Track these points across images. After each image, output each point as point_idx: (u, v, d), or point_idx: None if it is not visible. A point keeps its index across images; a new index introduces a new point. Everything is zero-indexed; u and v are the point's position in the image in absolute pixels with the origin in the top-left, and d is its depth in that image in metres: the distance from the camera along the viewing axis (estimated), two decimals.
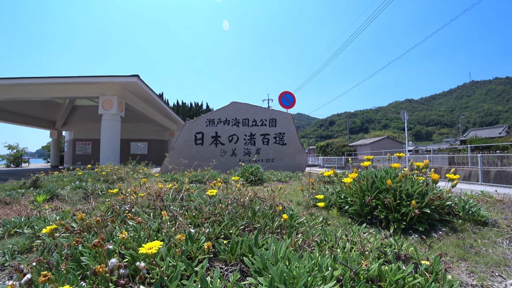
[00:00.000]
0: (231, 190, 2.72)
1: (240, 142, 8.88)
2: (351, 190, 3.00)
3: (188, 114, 38.10)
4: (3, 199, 3.91)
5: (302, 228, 2.20)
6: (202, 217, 2.03)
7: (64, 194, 4.34)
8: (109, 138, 10.70)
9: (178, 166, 7.82)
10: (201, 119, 8.95)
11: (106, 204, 2.58)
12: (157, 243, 1.19)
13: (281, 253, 1.53)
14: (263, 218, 2.21)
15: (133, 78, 10.17)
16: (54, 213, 3.06)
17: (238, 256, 1.65)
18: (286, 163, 8.88)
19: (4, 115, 17.97)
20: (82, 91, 11.36)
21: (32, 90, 11.59)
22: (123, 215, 2.13)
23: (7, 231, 2.70)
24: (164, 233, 1.74)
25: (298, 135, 9.07)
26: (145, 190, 3.02)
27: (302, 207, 3.32)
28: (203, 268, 1.35)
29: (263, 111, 9.08)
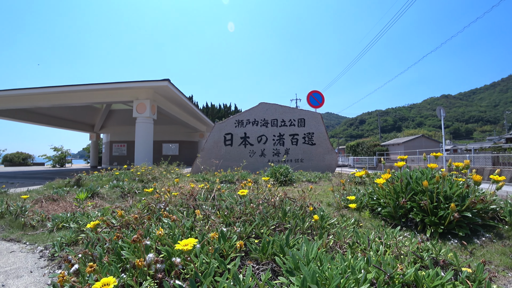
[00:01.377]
0: (261, 190, 2.74)
1: (269, 142, 8.90)
2: (384, 192, 2.90)
3: (217, 115, 38.88)
4: (51, 196, 4.24)
5: (333, 229, 2.17)
6: (234, 216, 2.08)
7: (103, 193, 4.63)
8: (142, 140, 11.22)
9: (208, 166, 8.02)
10: (230, 120, 9.10)
11: (143, 202, 2.72)
12: (192, 240, 1.25)
13: (312, 254, 1.53)
14: (293, 218, 2.21)
15: (164, 82, 10.57)
16: (95, 210, 3.28)
17: (269, 255, 1.67)
18: (316, 164, 8.76)
19: (51, 120, 19.54)
20: (118, 96, 12.02)
21: (74, 97, 12.47)
22: (158, 213, 2.24)
23: (56, 225, 2.94)
24: (197, 231, 1.81)
25: (327, 135, 8.91)
26: (178, 190, 3.14)
27: (332, 208, 3.27)
28: (236, 266, 1.38)
29: (292, 111, 9.03)
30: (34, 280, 1.92)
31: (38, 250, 2.49)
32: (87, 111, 21.30)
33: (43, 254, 2.40)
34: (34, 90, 11.88)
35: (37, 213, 3.31)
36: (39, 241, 2.69)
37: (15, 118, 16.83)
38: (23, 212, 3.35)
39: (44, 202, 4.03)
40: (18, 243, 2.73)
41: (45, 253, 2.41)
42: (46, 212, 3.41)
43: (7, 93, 12.28)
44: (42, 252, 2.44)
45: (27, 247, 2.59)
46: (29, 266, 2.17)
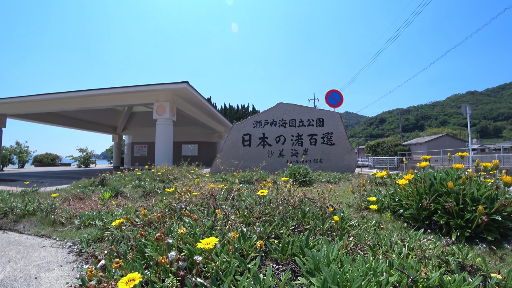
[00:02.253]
0: (281, 190, 2.75)
1: (287, 142, 8.87)
2: (407, 193, 2.82)
3: (235, 116, 39.18)
4: (78, 195, 4.44)
5: (354, 231, 2.14)
6: (253, 217, 2.09)
7: (126, 192, 4.79)
8: (163, 141, 11.48)
9: (227, 167, 8.11)
10: (248, 121, 9.14)
11: (164, 202, 2.79)
12: (213, 239, 1.27)
13: (333, 255, 1.51)
14: (313, 219, 2.20)
15: (183, 84, 10.78)
16: (119, 209, 3.40)
17: (289, 256, 1.67)
18: (335, 164, 8.63)
19: (76, 122, 20.44)
20: (139, 98, 12.38)
21: (98, 100, 12.98)
22: (179, 212, 2.29)
23: (82, 222, 3.08)
24: (218, 231, 1.84)
25: (346, 135, 8.76)
26: (198, 190, 3.20)
27: (353, 210, 3.22)
28: (256, 265, 1.40)
29: (310, 111, 8.95)
30: (64, 273, 2.02)
31: (67, 246, 2.62)
32: (110, 114, 22.09)
33: (72, 250, 2.52)
34: (61, 94, 12.48)
35: (65, 211, 3.47)
36: (68, 237, 2.82)
37: (44, 121, 17.75)
38: (53, 209, 3.52)
39: (71, 200, 4.22)
40: (49, 239, 2.88)
41: (73, 249, 2.53)
42: (74, 210, 3.57)
43: (37, 97, 12.96)
44: (70, 248, 2.57)
45: (57, 243, 2.73)
46: (59, 260, 2.28)
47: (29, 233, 3.09)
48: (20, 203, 3.73)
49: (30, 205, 3.61)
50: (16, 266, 2.19)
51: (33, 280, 1.92)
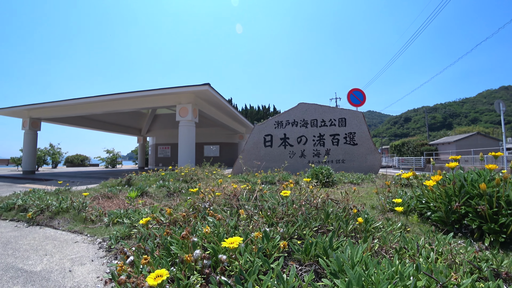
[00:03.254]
0: (304, 191, 2.74)
1: (309, 143, 8.79)
2: (434, 195, 2.71)
3: (256, 117, 39.30)
4: (106, 194, 4.64)
5: (379, 233, 2.09)
6: (276, 217, 2.10)
7: (151, 192, 4.94)
8: (185, 142, 11.73)
9: (248, 167, 8.16)
10: (270, 121, 9.15)
11: (188, 202, 2.86)
12: (237, 238, 1.29)
13: (357, 257, 1.49)
14: (336, 220, 2.17)
15: (204, 86, 10.95)
16: (145, 207, 3.53)
17: (312, 257, 1.66)
18: (358, 164, 8.44)
19: (103, 125, 21.37)
20: (162, 101, 12.72)
21: (124, 103, 13.48)
22: (203, 212, 2.34)
23: (111, 220, 3.22)
24: (241, 230, 1.86)
25: (370, 134, 8.54)
26: (221, 190, 3.25)
27: (377, 211, 3.14)
28: (279, 265, 1.40)
29: (332, 110, 8.81)
30: (95, 268, 2.13)
31: (97, 242, 2.75)
32: (135, 116, 22.89)
33: (102, 246, 2.64)
34: (90, 99, 13.08)
35: (95, 209, 3.64)
36: (98, 234, 2.96)
37: (74, 124, 18.72)
38: (84, 207, 3.71)
39: (100, 199, 4.42)
40: (81, 235, 3.04)
41: (103, 245, 2.66)
42: (103, 208, 3.74)
43: (68, 102, 13.67)
44: (100, 244, 2.70)
45: (88, 239, 2.88)
46: (90, 255, 2.41)
47: (63, 229, 3.27)
48: (54, 201, 3.96)
49: (64, 203, 3.82)
50: (52, 259, 2.33)
51: (67, 273, 2.03)
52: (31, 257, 2.39)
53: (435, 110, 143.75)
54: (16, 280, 1.93)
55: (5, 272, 2.07)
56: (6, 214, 3.95)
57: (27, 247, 2.65)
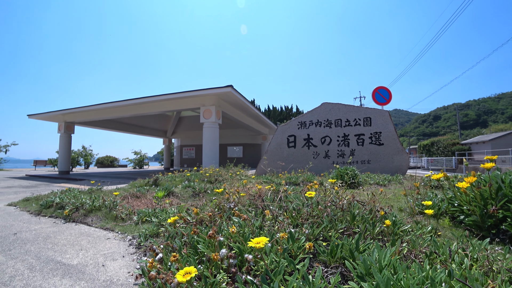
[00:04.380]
0: (329, 192, 2.70)
1: (333, 143, 8.64)
2: (468, 197, 2.58)
3: (278, 118, 39.19)
4: (135, 194, 4.83)
5: (407, 237, 2.02)
6: (301, 218, 2.09)
7: (177, 192, 5.08)
8: (209, 144, 11.93)
9: (272, 168, 8.16)
10: (293, 122, 9.10)
11: (214, 202, 2.92)
12: (263, 238, 1.31)
13: (385, 261, 1.46)
14: (362, 222, 2.13)
15: (227, 88, 11.10)
16: (172, 207, 3.64)
17: (338, 259, 1.64)
18: (384, 165, 8.18)
19: (131, 128, 22.28)
20: (186, 103, 13.03)
21: (150, 106, 13.97)
22: (228, 212, 2.38)
23: (140, 218, 3.35)
24: (266, 231, 1.88)
25: (396, 134, 8.24)
26: (245, 191, 3.28)
27: (405, 214, 3.04)
28: (305, 266, 1.40)
29: (356, 110, 8.61)
30: (125, 263, 2.23)
31: (127, 239, 2.88)
32: (160, 119, 23.62)
33: (132, 243, 2.76)
34: (118, 103, 13.68)
35: (125, 207, 3.81)
36: (128, 231, 3.09)
37: (104, 127, 19.69)
38: (114, 206, 3.89)
39: (129, 198, 4.60)
40: (112, 232, 3.19)
41: (133, 242, 2.77)
42: (132, 207, 3.90)
43: (98, 107, 14.39)
44: (130, 241, 2.82)
45: (119, 236, 3.02)
46: (121, 251, 2.52)
47: (96, 226, 3.45)
48: (88, 200, 4.18)
49: (96, 202, 4.03)
50: (87, 254, 2.47)
51: (101, 267, 2.15)
52: (68, 251, 2.55)
53: (468, 107, 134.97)
54: (56, 272, 2.07)
55: (46, 265, 2.23)
56: (46, 211, 4.23)
57: (64, 242, 2.82)
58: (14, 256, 2.45)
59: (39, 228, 3.43)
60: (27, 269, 2.15)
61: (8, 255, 2.47)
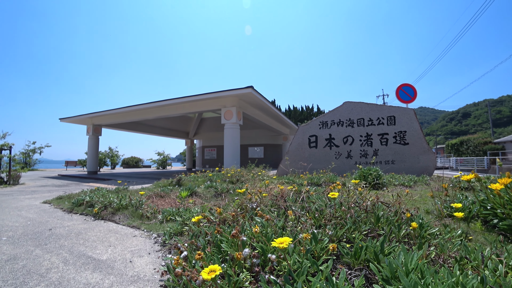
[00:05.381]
0: (353, 193, 2.66)
1: (356, 143, 8.46)
2: (502, 200, 2.44)
3: (299, 118, 38.86)
4: (159, 193, 4.98)
5: (435, 240, 1.95)
6: (324, 219, 2.08)
7: (200, 192, 5.18)
8: (230, 144, 12.05)
9: (293, 169, 8.13)
10: (314, 122, 9.01)
11: (236, 202, 2.96)
12: (287, 239, 1.31)
13: (412, 264, 1.41)
14: (387, 224, 2.08)
15: (247, 89, 11.16)
16: (195, 207, 3.71)
17: (362, 261, 1.62)
18: (409, 165, 7.90)
19: (154, 129, 22.98)
20: (207, 105, 13.24)
21: (172, 108, 14.32)
22: (251, 212, 2.41)
23: (165, 217, 3.45)
24: (289, 231, 1.88)
25: (422, 133, 7.92)
26: (267, 191, 3.30)
27: (433, 217, 2.92)
28: (328, 268, 1.39)
29: (379, 108, 8.37)
30: (151, 260, 2.31)
31: (153, 237, 2.98)
32: (182, 121, 24.18)
33: (157, 241, 2.85)
34: (142, 106, 14.15)
35: (150, 206, 3.93)
36: (153, 229, 3.20)
37: (129, 129, 20.46)
38: (140, 205, 4.03)
39: (154, 198, 4.75)
40: (138, 230, 3.31)
41: (158, 240, 2.86)
42: (157, 206, 4.03)
43: (124, 110, 14.95)
44: (155, 239, 2.91)
45: (144, 234, 3.12)
46: (147, 248, 2.62)
47: (123, 223, 3.60)
48: (115, 199, 4.36)
49: (123, 201, 4.19)
50: (115, 250, 2.58)
51: (128, 263, 2.24)
52: (98, 247, 2.67)
53: (501, 103, 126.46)
54: (87, 266, 2.18)
55: (78, 259, 2.35)
56: (77, 209, 4.46)
57: (94, 238, 2.96)
58: (49, 250, 2.60)
59: (71, 224, 3.62)
60: (61, 262, 2.28)
61: (44, 249, 2.64)
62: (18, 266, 2.22)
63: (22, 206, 5.07)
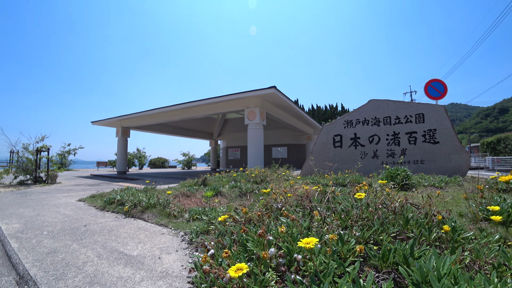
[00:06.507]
0: (380, 193, 2.59)
1: (382, 142, 8.20)
2: None
3: (323, 117, 38.25)
4: (185, 193, 5.11)
5: (470, 245, 1.85)
6: (350, 220, 2.04)
7: (224, 192, 5.27)
8: (254, 145, 12.11)
9: (317, 169, 8.04)
10: (338, 121, 8.85)
11: (261, 202, 2.98)
12: (313, 239, 1.31)
13: (444, 269, 1.36)
14: (417, 227, 2.01)
15: (270, 89, 11.16)
16: (220, 206, 3.78)
17: (390, 264, 1.58)
18: (439, 165, 7.53)
19: (180, 131, 23.63)
20: (231, 106, 13.39)
21: (197, 110, 14.64)
22: (276, 212, 2.42)
23: (191, 216, 3.54)
24: (314, 231, 1.87)
25: (454, 131, 7.52)
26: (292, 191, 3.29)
27: (466, 220, 2.78)
28: (355, 269, 1.37)
29: (407, 106, 8.06)
30: (179, 257, 2.39)
31: (180, 235, 3.07)
32: (206, 122, 24.64)
33: (184, 239, 2.94)
34: (167, 108, 14.58)
35: (177, 205, 4.05)
36: (180, 228, 3.30)
37: (156, 131, 21.21)
38: (167, 204, 4.17)
39: (180, 197, 4.89)
40: (166, 228, 3.42)
41: (185, 238, 2.95)
42: (183, 205, 4.15)
43: (150, 112, 15.51)
44: (183, 237, 3.00)
45: (172, 232, 3.23)
46: (175, 246, 2.70)
47: (151, 221, 3.74)
48: (144, 198, 4.54)
49: (152, 200, 4.36)
50: (144, 246, 2.69)
51: (157, 259, 2.33)
52: (128, 243, 2.80)
53: None
54: (119, 261, 2.30)
55: (111, 254, 2.48)
56: (109, 207, 4.70)
57: (125, 235, 3.10)
58: (85, 244, 2.77)
59: (104, 221, 3.81)
60: (96, 256, 2.42)
61: (80, 243, 2.80)
62: (58, 258, 2.38)
63: (60, 204, 5.41)
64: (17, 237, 3.09)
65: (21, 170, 10.59)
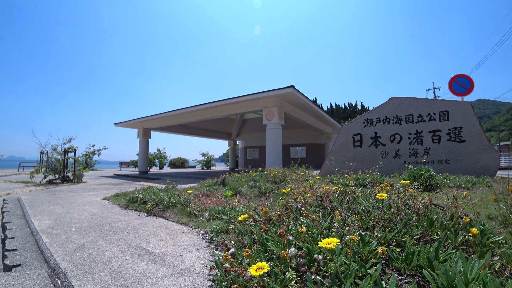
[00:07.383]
0: (403, 194, 2.53)
1: (404, 141, 7.96)
2: None
3: (342, 116, 37.58)
4: (205, 192, 5.20)
5: (500, 249, 1.77)
6: (372, 221, 2.01)
7: (243, 191, 5.31)
8: (272, 145, 12.09)
9: (338, 168, 7.93)
10: (358, 120, 8.68)
11: (281, 202, 2.99)
12: (334, 240, 1.31)
13: (472, 274, 1.31)
14: (442, 229, 1.94)
15: (288, 89, 11.10)
16: (239, 206, 3.82)
17: (414, 267, 1.54)
18: (466, 165, 7.21)
19: (199, 131, 24.03)
20: (249, 106, 13.44)
21: (216, 111, 14.82)
22: (296, 212, 2.42)
23: (211, 215, 3.60)
24: (335, 232, 1.85)
25: (482, 128, 7.16)
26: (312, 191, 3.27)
27: (496, 223, 2.65)
28: (377, 271, 1.35)
29: (430, 103, 7.76)
30: (200, 255, 2.43)
31: (200, 234, 3.13)
32: (225, 122, 24.88)
33: (204, 237, 2.99)
34: (187, 109, 14.86)
35: (197, 205, 4.13)
36: (201, 226, 3.36)
37: (175, 132, 21.70)
38: (188, 203, 4.25)
39: (200, 197, 4.97)
40: (187, 226, 3.50)
41: (206, 237, 3.00)
42: (203, 205, 4.22)
43: (170, 113, 15.88)
44: (203, 235, 3.05)
45: (193, 230, 3.29)
46: (195, 244, 2.76)
47: (173, 220, 3.83)
48: (165, 197, 4.66)
49: (173, 199, 4.46)
50: (166, 244, 2.77)
51: (179, 257, 2.39)
52: (151, 241, 2.89)
53: None
54: (142, 258, 2.38)
55: (135, 250, 2.57)
56: (132, 205, 4.86)
57: (148, 233, 3.20)
58: (110, 241, 2.88)
59: (127, 219, 3.95)
60: (120, 253, 2.52)
61: (106, 240, 2.92)
62: (85, 253, 2.50)
63: (86, 202, 5.66)
64: (48, 232, 3.26)
65: (50, 170, 11.15)
